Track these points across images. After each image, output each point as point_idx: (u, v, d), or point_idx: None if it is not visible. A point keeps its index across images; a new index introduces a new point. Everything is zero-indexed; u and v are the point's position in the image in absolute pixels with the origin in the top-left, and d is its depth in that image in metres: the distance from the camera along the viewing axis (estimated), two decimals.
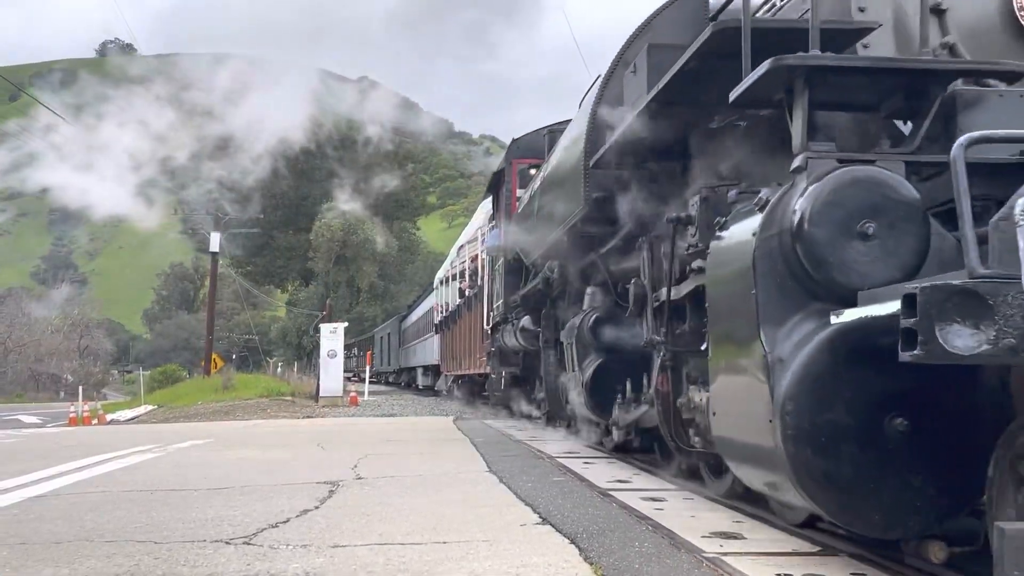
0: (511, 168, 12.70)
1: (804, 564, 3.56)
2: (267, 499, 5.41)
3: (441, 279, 26.13)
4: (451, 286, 22.70)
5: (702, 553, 3.71)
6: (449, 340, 23.18)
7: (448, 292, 23.40)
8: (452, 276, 22.87)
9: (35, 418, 26.37)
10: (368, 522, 4.54)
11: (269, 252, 60.06)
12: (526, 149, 12.53)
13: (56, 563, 3.63)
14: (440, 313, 25.28)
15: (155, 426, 17.34)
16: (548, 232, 8.60)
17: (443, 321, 24.31)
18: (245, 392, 26.45)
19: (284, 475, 6.76)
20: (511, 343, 12.13)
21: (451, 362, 22.94)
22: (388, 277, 55.63)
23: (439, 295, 26.19)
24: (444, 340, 24.66)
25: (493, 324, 13.89)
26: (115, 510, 5.07)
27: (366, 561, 3.59)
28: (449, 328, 22.93)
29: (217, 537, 4.15)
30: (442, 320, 24.67)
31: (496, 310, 13.39)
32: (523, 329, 11.02)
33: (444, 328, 24.21)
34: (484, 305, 15.16)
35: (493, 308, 13.82)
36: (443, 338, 24.84)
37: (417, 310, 35.60)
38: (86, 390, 35.10)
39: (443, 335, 24.73)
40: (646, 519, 4.59)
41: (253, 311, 72.11)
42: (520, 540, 4.02)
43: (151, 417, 22.75)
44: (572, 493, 5.57)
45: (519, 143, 12.84)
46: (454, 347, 21.86)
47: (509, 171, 12.70)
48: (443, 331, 24.53)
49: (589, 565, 3.49)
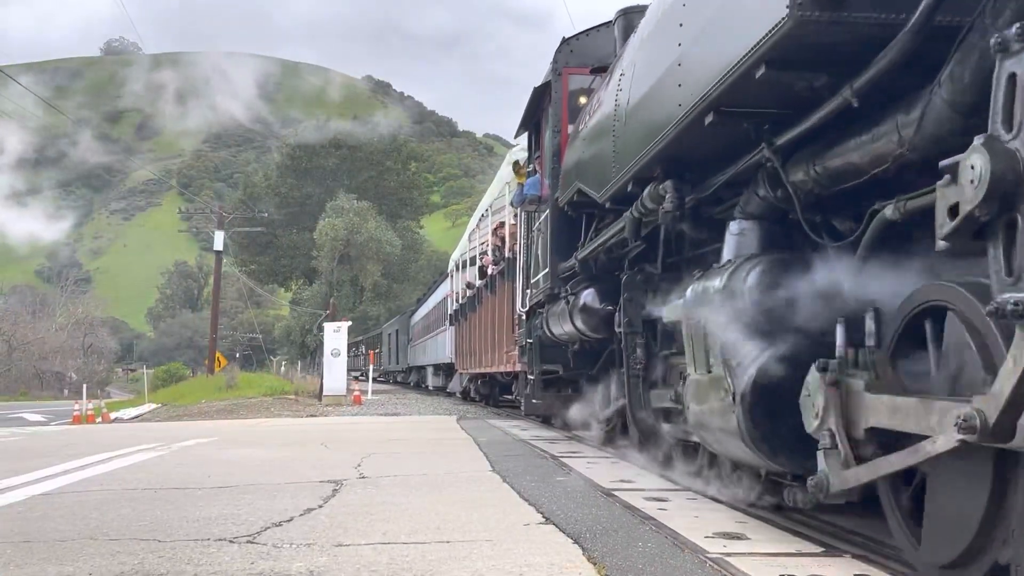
0: (560, 82, 9.23)
1: (808, 564, 3.55)
2: (271, 498, 5.42)
3: (457, 262, 23.31)
4: (469, 271, 20.07)
5: (706, 553, 3.71)
6: (466, 332, 19.93)
7: (465, 277, 20.73)
8: (471, 259, 20.18)
9: (39, 416, 26.42)
10: (371, 521, 4.54)
11: (273, 251, 60.12)
12: (584, 54, 9.15)
13: (60, 561, 3.63)
14: (456, 301, 22.41)
15: (159, 424, 17.38)
16: (658, 120, 4.95)
17: (459, 310, 21.38)
18: (249, 391, 26.51)
19: (288, 474, 6.76)
20: (561, 331, 8.88)
21: (467, 359, 19.88)
22: (392, 276, 55.62)
23: (453, 282, 23.45)
24: (460, 333, 21.49)
25: (531, 306, 10.44)
26: (119, 508, 5.08)
27: (369, 560, 3.59)
28: (466, 318, 19.73)
29: (221, 536, 4.16)
30: (458, 309, 21.65)
31: (536, 286, 9.89)
32: (584, 309, 7.80)
33: (460, 319, 21.15)
34: (516, 283, 11.64)
35: (531, 284, 10.33)
36: (458, 330, 21.81)
37: (427, 303, 32.68)
38: (90, 388, 35.20)
39: (458, 327, 21.71)
40: (649, 519, 4.59)
41: (257, 310, 72.35)
42: (523, 540, 4.02)
43: (155, 415, 22.79)
44: (575, 493, 5.56)
45: (573, 45, 9.39)
46: (472, 340, 18.75)
47: (558, 85, 9.23)
48: (459, 322, 21.57)
49: (592, 565, 3.48)
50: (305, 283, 57.68)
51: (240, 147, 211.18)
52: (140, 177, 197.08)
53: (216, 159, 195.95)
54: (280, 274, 62.26)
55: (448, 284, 25.22)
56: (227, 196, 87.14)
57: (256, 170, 74.31)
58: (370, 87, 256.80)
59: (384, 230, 50.90)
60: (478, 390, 20.88)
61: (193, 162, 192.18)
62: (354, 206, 49.65)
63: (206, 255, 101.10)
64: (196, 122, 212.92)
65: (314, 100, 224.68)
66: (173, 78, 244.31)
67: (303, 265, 56.77)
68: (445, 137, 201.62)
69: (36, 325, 62.66)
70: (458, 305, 21.64)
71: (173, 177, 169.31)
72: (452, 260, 25.48)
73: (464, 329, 20.34)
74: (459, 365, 22.15)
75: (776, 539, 4.11)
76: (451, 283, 24.15)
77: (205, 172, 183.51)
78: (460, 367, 22.01)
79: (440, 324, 26.85)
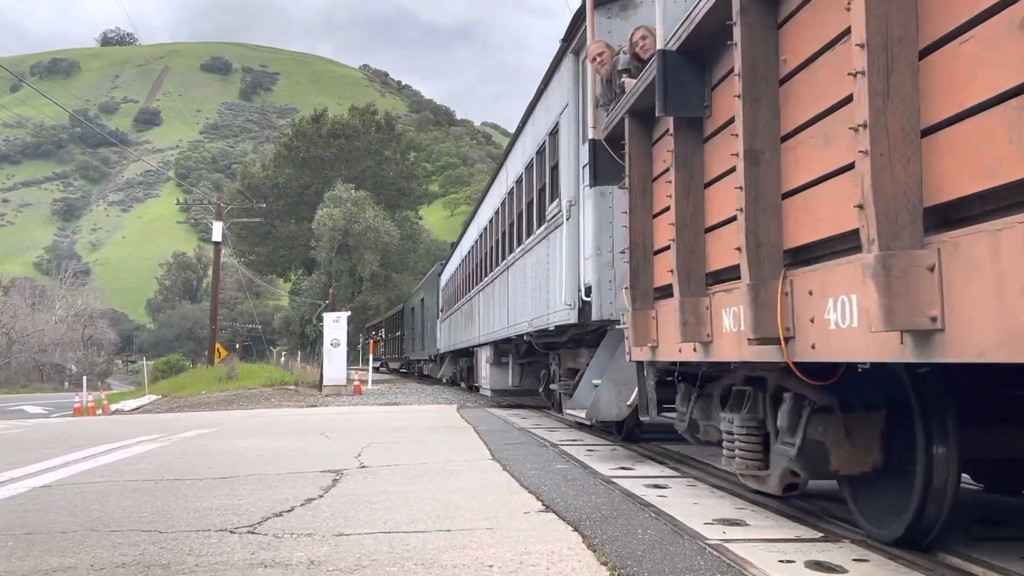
0: None
1: (807, 550, 3.57)
2: (271, 488, 5.43)
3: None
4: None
5: (705, 540, 3.72)
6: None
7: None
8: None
9: (40, 408, 26.45)
10: (372, 510, 4.55)
11: (271, 241, 60.13)
12: None
13: (62, 553, 3.64)
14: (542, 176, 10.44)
15: (159, 415, 17.40)
16: None
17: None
18: (249, 381, 26.54)
19: (288, 464, 6.78)
20: None
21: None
22: (391, 266, 55.62)
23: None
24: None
25: None
26: (120, 500, 5.09)
27: (370, 549, 3.60)
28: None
29: (222, 526, 4.17)
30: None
31: None
32: None
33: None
34: None
35: None
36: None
37: (469, 232, 19.73)
38: (90, 380, 35.21)
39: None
40: (649, 506, 4.60)
41: (256, 300, 72.33)
42: (523, 527, 4.03)
43: (155, 407, 22.81)
44: (575, 480, 5.58)
45: None
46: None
47: None
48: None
49: (592, 552, 3.50)
50: (304, 273, 57.74)
51: (238, 137, 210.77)
52: (138, 168, 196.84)
53: (214, 149, 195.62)
54: (279, 264, 62.33)
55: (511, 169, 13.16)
56: (225, 187, 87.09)
57: (254, 160, 74.15)
58: (367, 76, 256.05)
59: (382, 219, 50.89)
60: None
61: (191, 153, 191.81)
62: (352, 196, 49.63)
63: (205, 246, 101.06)
64: (193, 113, 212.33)
65: (312, 89, 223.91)
66: (170, 69, 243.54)
67: (302, 255, 56.81)
68: (443, 126, 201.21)
69: (36, 318, 62.68)
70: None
71: (171, 168, 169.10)
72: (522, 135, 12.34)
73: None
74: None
75: (775, 525, 4.13)
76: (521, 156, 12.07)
77: (203, 163, 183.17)
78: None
79: (500, 257, 13.92)
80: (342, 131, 60.90)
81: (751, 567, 3.25)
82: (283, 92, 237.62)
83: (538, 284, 10.22)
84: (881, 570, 3.26)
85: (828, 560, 3.39)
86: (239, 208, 51.53)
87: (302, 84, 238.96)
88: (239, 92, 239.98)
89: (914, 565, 3.32)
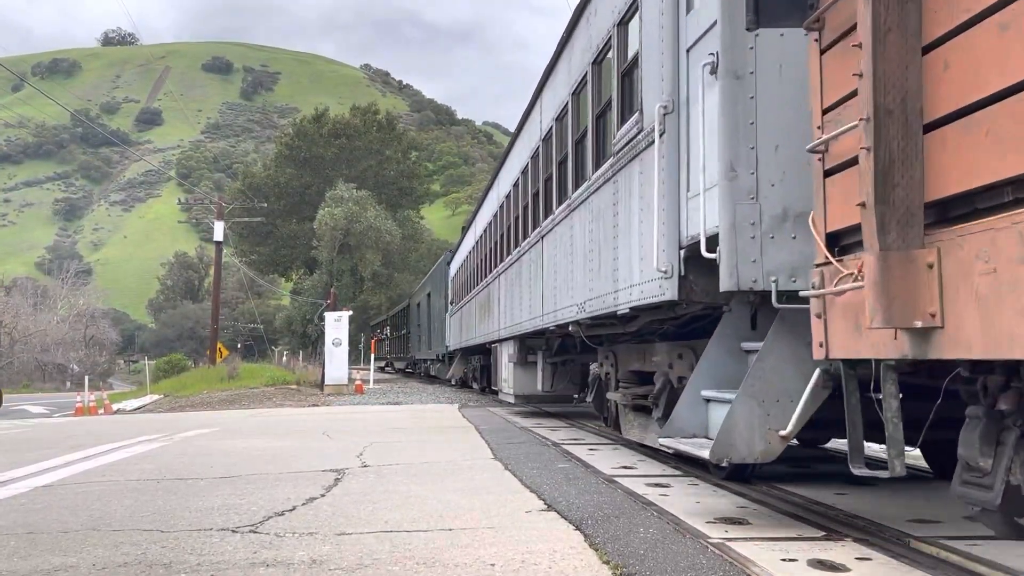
0: None
1: (809, 548, 3.56)
2: (273, 487, 5.43)
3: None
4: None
5: (707, 539, 3.72)
6: None
7: None
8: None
9: (42, 408, 26.47)
10: (374, 510, 4.55)
11: (273, 241, 60.14)
12: None
13: (64, 552, 3.64)
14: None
15: (161, 415, 17.41)
16: None
17: None
18: (250, 381, 26.55)
19: (290, 463, 6.78)
20: None
21: None
22: (392, 265, 55.63)
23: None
24: None
25: None
26: (122, 499, 5.09)
27: (372, 548, 3.60)
28: None
29: (223, 525, 4.17)
30: None
31: None
32: None
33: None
34: None
35: None
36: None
37: (483, 210, 17.10)
38: (92, 380, 35.21)
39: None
40: (651, 505, 4.60)
41: (257, 300, 72.40)
42: (525, 527, 4.03)
43: (157, 406, 22.82)
44: (577, 479, 5.57)
45: None
46: None
47: None
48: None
49: (594, 551, 3.49)
50: (306, 273, 57.74)
51: (239, 137, 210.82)
52: (139, 168, 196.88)
53: (215, 149, 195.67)
54: (280, 264, 62.33)
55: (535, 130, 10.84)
56: (227, 186, 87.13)
57: (255, 160, 74.22)
58: (368, 76, 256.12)
59: (383, 219, 50.89)
60: None
61: (192, 152, 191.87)
62: (353, 195, 49.63)
63: (206, 246, 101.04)
64: (195, 113, 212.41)
65: (313, 89, 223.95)
66: (171, 69, 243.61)
67: (303, 255, 56.82)
68: (444, 125, 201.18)
69: (37, 317, 62.76)
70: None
71: (172, 168, 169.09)
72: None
73: None
74: None
75: (777, 524, 4.12)
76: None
77: (204, 162, 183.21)
78: None
79: (530, 227, 11.28)
80: (343, 131, 60.88)
81: (753, 566, 3.25)
82: (284, 92, 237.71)
83: (595, 251, 7.26)
84: (884, 568, 3.25)
85: (830, 559, 3.38)
86: (240, 208, 51.57)
87: (303, 84, 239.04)
88: (240, 92, 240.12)
89: (916, 563, 3.31)
